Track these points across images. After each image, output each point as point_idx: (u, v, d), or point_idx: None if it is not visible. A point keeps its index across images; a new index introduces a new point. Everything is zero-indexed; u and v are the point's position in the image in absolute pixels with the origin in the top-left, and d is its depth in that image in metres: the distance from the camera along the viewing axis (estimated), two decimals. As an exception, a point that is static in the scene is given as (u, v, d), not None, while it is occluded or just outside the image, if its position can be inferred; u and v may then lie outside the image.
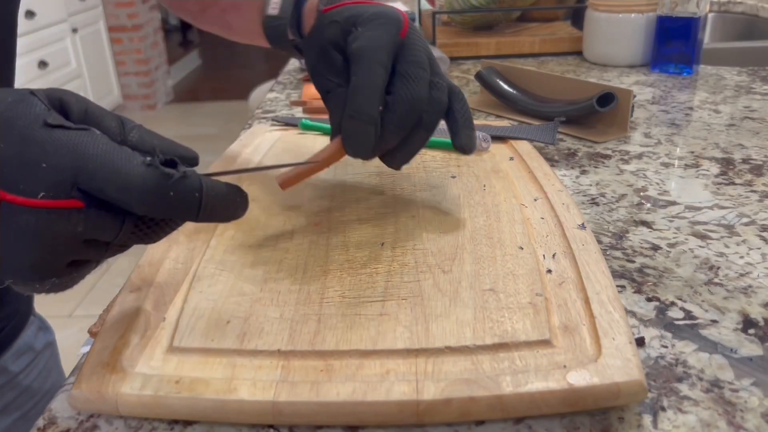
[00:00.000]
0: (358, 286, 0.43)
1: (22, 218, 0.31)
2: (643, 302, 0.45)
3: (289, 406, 0.34)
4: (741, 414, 0.35)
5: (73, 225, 0.32)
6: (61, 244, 0.32)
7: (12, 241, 0.31)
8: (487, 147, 0.66)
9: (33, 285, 0.34)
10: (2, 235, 0.31)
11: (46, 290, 0.35)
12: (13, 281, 0.33)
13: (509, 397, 0.34)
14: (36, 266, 0.32)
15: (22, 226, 0.31)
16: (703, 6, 0.98)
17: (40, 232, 0.31)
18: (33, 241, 0.31)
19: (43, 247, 0.32)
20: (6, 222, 0.31)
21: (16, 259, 0.32)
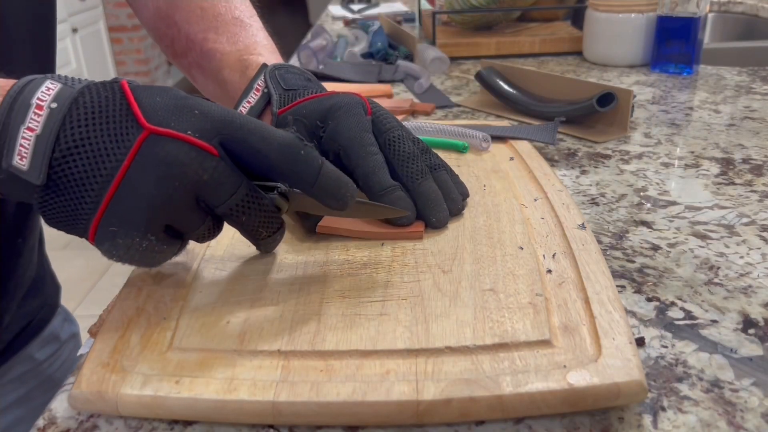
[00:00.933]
0: (358, 286, 0.43)
1: (166, 148, 0.36)
2: (643, 302, 0.45)
3: (289, 406, 0.34)
4: (741, 414, 0.35)
5: (204, 169, 0.37)
6: (186, 185, 0.37)
7: (147, 173, 0.36)
8: (487, 147, 0.66)
9: (131, 238, 0.37)
10: (140, 166, 0.36)
11: (131, 256, 0.37)
12: (118, 228, 0.36)
13: (509, 397, 0.34)
14: (153, 206, 0.36)
15: (162, 156, 0.36)
16: (703, 6, 0.98)
17: (178, 162, 0.36)
18: (168, 170, 0.36)
19: (173, 179, 0.36)
20: (148, 152, 0.36)
21: (141, 192, 0.36)
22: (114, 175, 0.36)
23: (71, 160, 0.36)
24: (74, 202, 0.37)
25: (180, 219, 0.38)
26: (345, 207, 0.42)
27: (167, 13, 0.66)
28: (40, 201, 0.37)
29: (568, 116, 0.79)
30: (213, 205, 0.39)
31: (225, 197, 0.39)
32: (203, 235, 0.41)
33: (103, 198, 0.36)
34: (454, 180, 0.53)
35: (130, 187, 0.36)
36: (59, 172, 0.36)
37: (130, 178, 0.36)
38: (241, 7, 0.66)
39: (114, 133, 0.36)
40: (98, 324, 0.41)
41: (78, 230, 0.38)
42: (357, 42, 1.24)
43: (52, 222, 0.38)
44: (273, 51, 0.64)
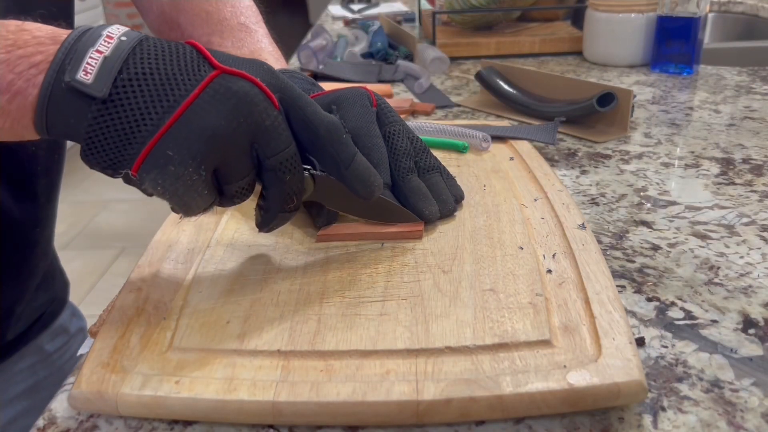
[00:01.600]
0: (358, 286, 0.43)
1: (239, 83, 0.37)
2: (643, 302, 0.45)
3: (289, 406, 0.34)
4: (741, 414, 0.35)
5: (268, 114, 0.38)
6: (250, 123, 0.38)
7: (216, 103, 0.37)
8: (487, 147, 0.66)
9: (184, 167, 0.36)
10: (210, 96, 0.36)
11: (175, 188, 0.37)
12: (175, 153, 0.36)
13: (509, 397, 0.34)
14: (216, 136, 0.36)
15: (234, 90, 0.37)
16: (703, 6, 0.98)
17: (248, 99, 0.37)
18: (238, 103, 0.37)
19: (240, 114, 0.37)
20: (220, 85, 0.37)
21: (207, 121, 0.36)
22: (181, 101, 0.36)
23: (137, 83, 0.36)
24: (132, 123, 0.36)
25: (232, 161, 0.38)
26: (371, 196, 0.44)
27: (171, 15, 0.66)
28: (94, 119, 0.35)
29: (568, 116, 0.79)
30: (265, 155, 0.39)
31: (278, 150, 0.39)
32: (239, 190, 0.40)
33: (166, 121, 0.36)
34: (449, 183, 0.54)
35: (197, 114, 0.36)
36: (122, 92, 0.36)
37: (198, 106, 0.36)
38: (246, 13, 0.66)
39: (184, 67, 0.37)
40: (98, 324, 0.41)
41: (124, 157, 0.36)
42: (357, 42, 1.24)
43: (95, 149, 0.36)
44: (278, 58, 0.65)
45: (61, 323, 0.71)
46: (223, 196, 0.40)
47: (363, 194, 0.44)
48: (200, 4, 0.65)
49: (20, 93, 0.35)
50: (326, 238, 0.49)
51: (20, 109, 0.36)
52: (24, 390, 0.66)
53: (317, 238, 0.49)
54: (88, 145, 0.36)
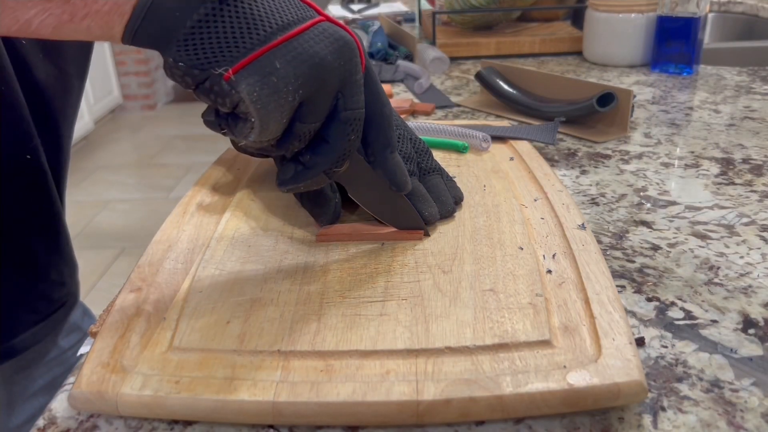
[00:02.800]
0: (358, 286, 0.43)
1: (342, 32, 0.40)
2: (643, 302, 0.45)
3: (289, 406, 0.34)
4: (741, 414, 0.35)
5: (358, 69, 0.40)
6: (346, 70, 0.39)
7: (325, 39, 0.38)
8: (487, 147, 0.66)
9: (286, 83, 0.37)
10: (318, 32, 0.38)
11: (268, 102, 0.37)
12: (282, 66, 0.37)
13: (509, 398, 0.34)
14: (321, 66, 0.38)
15: (340, 35, 0.39)
16: (703, 6, 0.98)
17: (350, 47, 0.39)
18: (343, 46, 0.39)
19: (343, 56, 0.39)
20: (326, 28, 0.39)
21: (316, 50, 0.38)
22: (294, 26, 0.38)
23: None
24: (244, 29, 0.36)
25: (319, 99, 0.39)
26: (405, 187, 0.46)
27: None
28: (205, 15, 0.35)
29: (568, 116, 0.79)
30: (345, 107, 0.40)
31: (356, 105, 0.41)
32: (304, 135, 0.41)
33: (279, 36, 0.37)
34: (449, 185, 0.54)
35: (308, 42, 0.38)
36: (239, 1, 0.36)
37: (308, 35, 0.38)
38: None
39: (294, 4, 0.39)
40: (98, 324, 0.41)
41: (225, 58, 0.36)
42: (357, 42, 1.24)
43: (192, 46, 0.36)
44: None
45: (74, 320, 0.72)
46: (287, 133, 0.40)
47: (398, 183, 0.46)
48: None
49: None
50: (326, 238, 0.49)
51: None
52: (42, 386, 0.67)
53: (317, 238, 0.49)
54: (186, 42, 0.36)
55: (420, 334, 0.38)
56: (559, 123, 0.78)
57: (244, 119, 0.38)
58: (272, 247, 0.49)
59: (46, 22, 0.34)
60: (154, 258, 0.48)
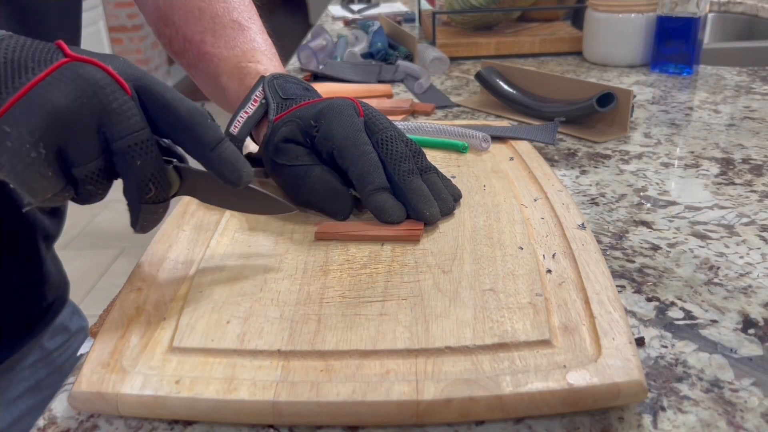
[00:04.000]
0: (358, 286, 0.43)
1: (86, 68, 0.38)
2: (643, 302, 0.45)
3: (289, 406, 0.34)
4: (741, 414, 0.35)
5: (115, 97, 0.39)
6: (95, 104, 0.38)
7: (61, 84, 0.37)
8: (487, 147, 0.66)
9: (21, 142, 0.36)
10: (56, 79, 0.37)
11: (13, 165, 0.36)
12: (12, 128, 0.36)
13: (509, 397, 0.34)
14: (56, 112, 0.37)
15: (80, 73, 0.38)
16: (703, 6, 0.98)
17: (94, 81, 0.38)
18: (82, 84, 0.37)
19: (84, 94, 0.38)
20: (67, 69, 0.38)
21: (48, 98, 0.37)
22: (26, 84, 0.37)
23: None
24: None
25: (76, 141, 0.38)
26: (240, 182, 0.42)
27: (166, 12, 0.66)
28: None
29: (568, 116, 0.79)
30: (113, 138, 0.39)
31: (126, 132, 0.39)
32: (91, 176, 0.39)
33: (8, 101, 0.36)
34: (445, 183, 0.54)
35: (40, 94, 0.37)
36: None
37: (42, 87, 0.37)
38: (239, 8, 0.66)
39: (37, 58, 0.38)
40: (98, 324, 0.41)
41: None
42: (357, 42, 1.24)
43: None
44: (272, 57, 0.64)
45: (61, 321, 0.71)
46: (76, 184, 0.40)
47: (231, 179, 0.42)
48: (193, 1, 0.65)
49: None
50: (325, 236, 0.49)
51: None
52: (26, 389, 0.66)
53: (315, 235, 0.49)
54: None
55: (420, 334, 0.38)
56: (559, 123, 0.78)
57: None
58: (272, 247, 0.49)
59: None
60: (154, 258, 0.48)
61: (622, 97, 0.76)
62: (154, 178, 0.41)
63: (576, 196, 0.62)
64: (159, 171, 0.41)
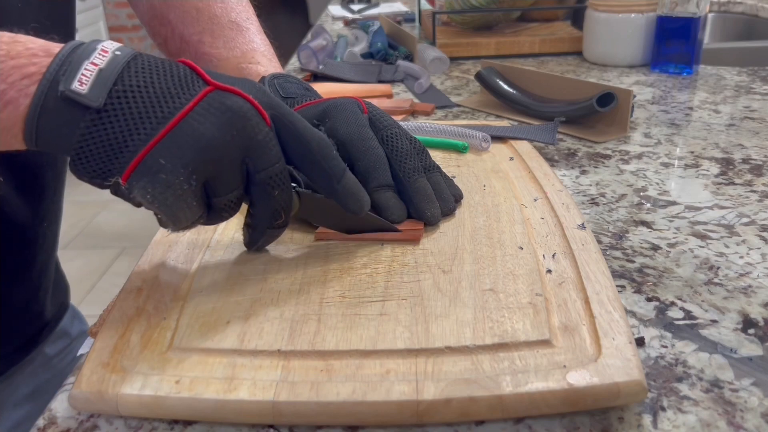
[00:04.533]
0: (358, 286, 0.43)
1: (233, 98, 0.39)
2: (643, 302, 0.45)
3: (289, 406, 0.34)
4: (741, 414, 0.35)
5: (260, 129, 0.39)
6: (243, 137, 0.38)
7: (210, 116, 0.37)
8: (487, 147, 0.66)
9: (176, 176, 0.36)
10: (204, 110, 0.37)
11: (165, 198, 0.37)
12: (167, 161, 0.36)
13: (509, 397, 0.34)
14: (209, 147, 0.37)
15: (228, 105, 0.38)
16: (703, 6, 0.98)
17: (242, 113, 0.38)
18: (232, 116, 0.38)
19: (234, 126, 0.38)
20: (214, 100, 0.38)
21: (201, 132, 0.37)
22: (176, 113, 0.37)
23: (131, 95, 0.36)
24: (126, 132, 0.36)
25: (223, 173, 0.39)
26: (362, 210, 0.45)
27: (162, 11, 0.65)
28: (87, 129, 0.36)
29: (568, 116, 0.79)
30: (256, 169, 0.40)
31: (268, 164, 0.40)
32: (228, 204, 0.40)
33: (159, 131, 0.36)
34: (447, 183, 0.54)
35: (191, 125, 0.37)
36: (117, 104, 0.36)
37: (192, 118, 0.37)
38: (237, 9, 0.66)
39: (179, 83, 0.38)
40: (98, 324, 0.41)
41: (114, 166, 0.37)
42: (357, 42, 1.24)
43: (85, 159, 0.37)
44: (271, 57, 0.64)
45: (62, 327, 0.71)
46: (211, 210, 0.40)
47: (354, 209, 0.45)
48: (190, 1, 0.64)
49: (12, 102, 0.36)
50: (325, 236, 0.49)
51: (10, 118, 0.36)
52: (26, 395, 0.66)
53: (316, 236, 0.49)
54: (78, 155, 0.36)
55: (420, 334, 0.38)
56: (559, 123, 0.78)
57: (157, 214, 0.39)
58: (272, 247, 0.49)
59: None
60: (154, 258, 0.48)
61: (622, 97, 0.76)
62: (286, 205, 0.42)
63: (576, 196, 0.62)
64: (290, 199, 0.42)
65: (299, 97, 0.56)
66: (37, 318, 0.66)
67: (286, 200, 0.42)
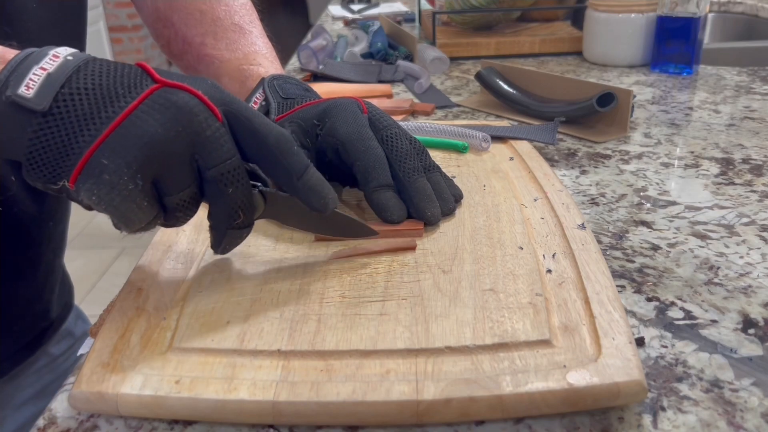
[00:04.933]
0: (358, 286, 0.43)
1: (179, 95, 0.38)
2: (643, 302, 0.45)
3: (289, 406, 0.34)
4: (741, 414, 0.35)
5: (208, 124, 0.38)
6: (189, 133, 0.38)
7: (155, 113, 0.37)
8: (487, 147, 0.66)
9: (119, 175, 0.36)
10: (149, 107, 0.37)
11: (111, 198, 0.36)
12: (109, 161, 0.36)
13: (509, 397, 0.34)
14: (153, 144, 0.36)
15: (174, 101, 0.37)
16: (703, 6, 0.98)
17: (188, 109, 0.37)
18: (177, 113, 0.37)
19: (179, 123, 0.37)
20: (160, 96, 0.37)
21: (145, 129, 0.36)
22: (120, 113, 0.36)
23: (78, 98, 0.36)
24: (71, 135, 0.36)
25: (170, 171, 0.38)
26: (326, 208, 0.43)
27: (165, 13, 0.66)
28: (34, 133, 0.36)
29: (568, 116, 0.79)
30: (207, 166, 0.39)
31: (219, 160, 0.39)
32: (181, 203, 0.39)
33: (103, 131, 0.36)
34: (447, 183, 0.54)
35: (134, 123, 0.36)
36: (62, 106, 0.36)
37: (136, 117, 0.36)
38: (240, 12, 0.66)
39: (127, 83, 0.37)
40: (98, 324, 0.41)
41: (63, 169, 0.36)
42: (357, 42, 1.24)
43: (35, 164, 0.37)
44: (273, 60, 0.64)
45: (66, 327, 0.71)
46: (165, 210, 0.40)
47: (317, 206, 0.42)
48: (194, 3, 0.64)
49: None
50: (324, 237, 0.49)
51: None
52: (32, 395, 0.66)
53: (315, 236, 0.49)
54: (29, 160, 0.36)
55: (420, 334, 0.38)
56: (559, 123, 0.78)
57: None
58: (272, 247, 0.49)
59: None
60: (154, 258, 0.48)
61: (622, 97, 0.76)
62: (243, 204, 0.41)
63: (576, 196, 0.62)
64: (248, 197, 0.41)
65: (299, 97, 0.56)
66: (42, 317, 0.66)
67: (243, 198, 0.41)
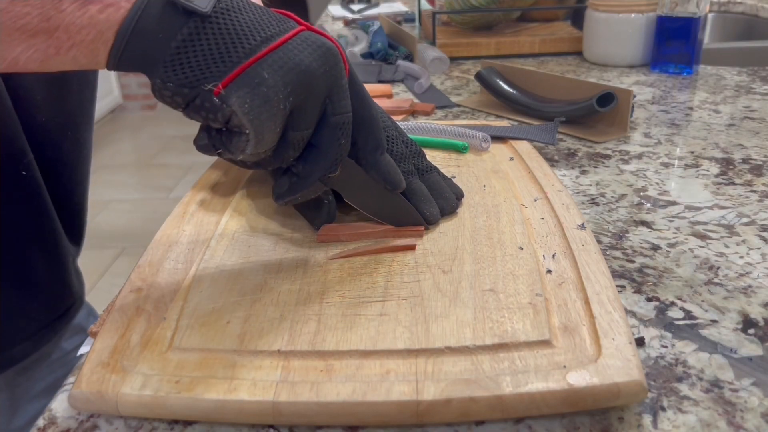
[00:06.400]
0: (358, 286, 0.43)
1: (324, 40, 0.40)
2: (643, 302, 0.45)
3: (289, 406, 0.34)
4: (741, 414, 0.35)
5: (343, 74, 0.41)
6: (331, 76, 0.40)
7: (309, 47, 0.39)
8: (487, 147, 0.66)
9: (275, 92, 0.37)
10: (302, 41, 0.39)
11: (260, 112, 0.37)
12: (270, 76, 0.37)
13: (509, 398, 0.34)
14: (308, 72, 0.39)
15: (322, 42, 0.40)
16: (703, 6, 0.98)
17: (334, 54, 0.40)
18: (327, 53, 0.40)
19: (327, 63, 0.40)
20: (309, 37, 0.40)
21: (301, 58, 0.39)
22: (276, 38, 0.38)
23: (235, 13, 0.38)
24: (229, 44, 0.37)
25: (308, 105, 0.40)
26: (399, 186, 0.47)
27: None
28: (189, 35, 0.36)
29: (568, 116, 0.79)
30: (333, 112, 0.41)
31: (344, 110, 0.42)
32: (298, 143, 0.41)
33: (263, 48, 0.38)
34: (447, 182, 0.54)
35: (292, 52, 0.38)
36: (222, 16, 0.37)
37: (293, 46, 0.39)
38: None
39: (275, 17, 0.40)
40: (98, 324, 0.41)
41: (213, 73, 0.37)
42: (357, 42, 1.24)
43: (180, 65, 0.36)
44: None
45: (78, 321, 0.72)
46: (282, 142, 0.41)
47: (393, 182, 0.46)
48: None
49: (113, 5, 0.35)
50: (326, 238, 0.49)
51: (108, 20, 0.35)
52: (44, 388, 0.67)
53: (317, 238, 0.49)
54: (173, 62, 0.36)
55: (420, 334, 0.38)
56: (559, 123, 0.78)
57: (238, 133, 0.38)
58: (272, 247, 0.49)
59: (32, 57, 0.35)
60: (154, 258, 0.48)
61: (622, 97, 0.75)
62: (343, 159, 0.43)
63: (576, 196, 0.62)
64: (345, 155, 0.44)
65: None
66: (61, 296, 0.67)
67: (344, 154, 0.43)
